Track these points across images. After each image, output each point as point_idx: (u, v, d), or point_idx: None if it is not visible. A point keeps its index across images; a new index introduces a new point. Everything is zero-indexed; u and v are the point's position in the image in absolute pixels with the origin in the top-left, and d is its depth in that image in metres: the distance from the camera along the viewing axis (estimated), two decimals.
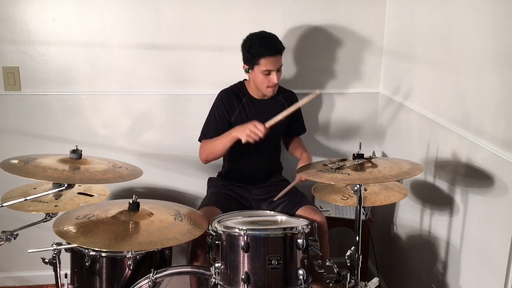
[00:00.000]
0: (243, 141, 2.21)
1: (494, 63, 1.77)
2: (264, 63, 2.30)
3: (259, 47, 2.28)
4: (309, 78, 2.84)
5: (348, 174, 1.84)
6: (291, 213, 2.31)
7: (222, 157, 2.60)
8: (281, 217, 2.05)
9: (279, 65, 2.33)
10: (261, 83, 2.37)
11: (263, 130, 2.17)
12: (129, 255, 1.91)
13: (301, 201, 2.38)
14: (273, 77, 2.33)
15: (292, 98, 2.58)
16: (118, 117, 2.80)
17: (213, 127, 2.46)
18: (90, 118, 2.77)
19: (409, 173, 1.84)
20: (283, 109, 2.52)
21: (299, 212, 2.32)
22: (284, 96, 2.55)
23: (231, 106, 2.46)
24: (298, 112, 2.62)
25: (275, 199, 2.37)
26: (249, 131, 2.18)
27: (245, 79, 2.54)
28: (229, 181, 2.57)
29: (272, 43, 2.30)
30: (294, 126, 2.65)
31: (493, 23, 1.78)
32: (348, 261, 1.91)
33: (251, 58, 2.32)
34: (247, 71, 2.40)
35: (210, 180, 2.67)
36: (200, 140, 2.52)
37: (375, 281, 1.97)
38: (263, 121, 2.34)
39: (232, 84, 2.55)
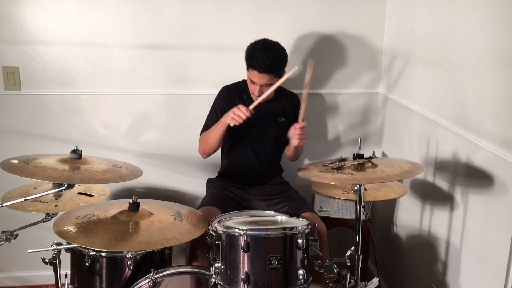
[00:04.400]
0: (230, 123, 2.27)
1: (494, 63, 1.77)
2: (251, 74, 2.31)
3: (250, 57, 2.28)
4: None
5: (352, 174, 1.84)
6: None
7: (220, 155, 2.62)
8: (281, 217, 2.05)
9: (263, 82, 2.29)
10: (249, 86, 2.41)
11: (245, 112, 2.22)
12: (129, 255, 1.91)
13: (302, 207, 2.37)
14: (254, 89, 2.33)
15: (293, 99, 2.57)
16: (118, 117, 2.80)
17: (214, 122, 2.46)
18: (90, 118, 2.77)
19: (411, 172, 1.85)
20: (283, 109, 2.53)
21: None
22: (285, 97, 2.54)
23: (232, 102, 2.46)
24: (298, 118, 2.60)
25: (251, 106, 2.30)
26: (233, 114, 2.23)
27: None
28: (228, 182, 2.57)
29: (264, 61, 2.23)
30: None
31: (493, 23, 1.78)
32: (348, 261, 1.91)
33: (246, 63, 2.34)
34: (247, 69, 2.40)
35: (209, 181, 2.66)
36: (200, 134, 2.53)
37: (375, 281, 1.97)
38: (262, 120, 2.37)
39: (233, 82, 2.55)
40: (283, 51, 2.34)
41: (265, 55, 2.24)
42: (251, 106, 2.26)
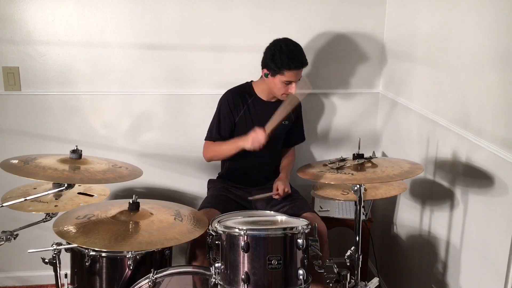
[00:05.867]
0: (249, 149, 2.29)
1: (494, 63, 1.77)
2: (288, 75, 2.30)
3: (287, 59, 2.27)
4: (309, 78, 2.84)
5: (352, 174, 1.84)
6: None
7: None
8: (281, 217, 2.05)
9: (300, 77, 2.34)
10: (278, 91, 2.37)
11: (263, 136, 2.24)
12: (129, 255, 1.91)
13: (303, 208, 2.37)
14: (293, 88, 2.33)
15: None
16: (118, 117, 2.80)
17: (218, 127, 2.47)
18: (90, 118, 2.77)
19: (411, 172, 1.85)
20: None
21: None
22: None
23: (236, 106, 2.46)
24: (298, 120, 2.61)
25: (250, 198, 2.44)
26: (252, 140, 2.25)
27: (252, 80, 2.53)
28: (229, 183, 2.57)
29: (299, 57, 2.30)
30: (288, 135, 2.61)
31: (493, 23, 1.78)
32: (348, 261, 1.91)
33: (275, 68, 2.30)
34: (266, 76, 2.37)
35: (210, 182, 2.66)
36: (205, 139, 2.52)
37: (375, 281, 1.97)
38: (266, 122, 2.36)
39: (233, 83, 2.54)
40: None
41: (296, 52, 2.30)
42: (268, 129, 2.27)
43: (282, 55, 2.28)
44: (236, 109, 2.46)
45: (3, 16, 2.59)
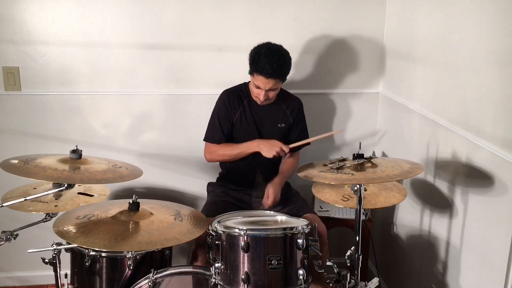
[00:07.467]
0: (266, 156, 2.35)
1: (494, 63, 1.77)
2: (256, 79, 2.28)
3: (258, 62, 2.23)
4: (309, 78, 2.84)
5: (352, 174, 1.84)
6: None
7: None
8: (281, 217, 2.05)
9: (269, 87, 2.28)
10: (252, 91, 2.38)
11: (287, 151, 2.34)
12: (129, 255, 1.91)
13: (303, 208, 2.37)
14: (260, 94, 2.31)
15: (295, 104, 2.52)
16: (118, 117, 2.80)
17: (217, 128, 2.46)
18: (90, 118, 2.77)
19: (411, 172, 1.85)
20: (284, 115, 2.50)
21: None
22: (286, 102, 2.51)
23: (232, 106, 2.45)
24: (299, 122, 2.55)
25: (291, 146, 2.38)
26: (276, 153, 2.32)
27: (249, 81, 2.53)
28: (228, 185, 2.56)
29: (270, 66, 2.21)
30: (289, 138, 2.54)
31: (493, 23, 1.78)
32: (348, 261, 1.91)
33: (250, 67, 2.30)
34: (249, 73, 2.36)
35: (210, 185, 2.65)
36: (205, 140, 2.51)
37: (375, 281, 1.97)
38: (263, 125, 2.38)
39: (233, 84, 2.55)
40: (287, 54, 2.31)
41: (271, 60, 2.21)
42: (291, 146, 2.35)
43: (257, 58, 2.24)
44: (233, 109, 2.45)
45: (3, 16, 2.59)
